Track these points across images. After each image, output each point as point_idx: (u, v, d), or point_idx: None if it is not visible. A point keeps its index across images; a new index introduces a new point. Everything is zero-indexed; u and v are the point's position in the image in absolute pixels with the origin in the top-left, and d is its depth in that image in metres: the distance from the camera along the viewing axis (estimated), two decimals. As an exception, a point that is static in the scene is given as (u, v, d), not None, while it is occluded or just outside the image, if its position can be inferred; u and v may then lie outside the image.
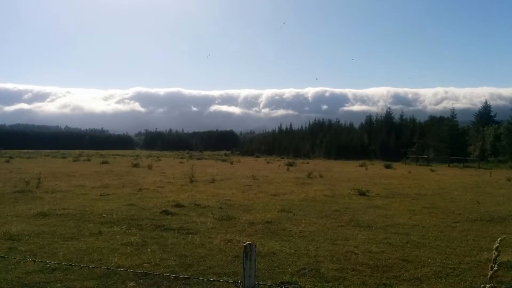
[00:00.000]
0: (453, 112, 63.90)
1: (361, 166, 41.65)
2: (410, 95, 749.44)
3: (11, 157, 49.76)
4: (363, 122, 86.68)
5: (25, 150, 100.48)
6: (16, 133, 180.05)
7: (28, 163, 38.05)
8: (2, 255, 6.31)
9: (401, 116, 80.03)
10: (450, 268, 6.37)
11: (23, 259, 6.23)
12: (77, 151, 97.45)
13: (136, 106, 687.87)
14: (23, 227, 8.69)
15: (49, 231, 8.38)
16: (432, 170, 35.62)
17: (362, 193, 15.38)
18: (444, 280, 5.85)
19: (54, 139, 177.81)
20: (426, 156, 55.31)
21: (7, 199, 13.01)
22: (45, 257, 6.54)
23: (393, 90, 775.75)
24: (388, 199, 14.63)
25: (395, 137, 70.43)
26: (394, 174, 29.52)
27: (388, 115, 79.34)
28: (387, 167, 39.39)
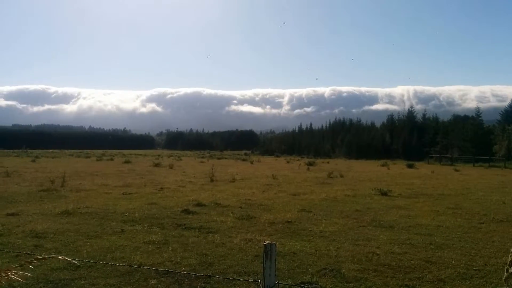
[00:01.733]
0: (478, 111, 62.49)
1: (383, 165, 41.13)
2: (433, 93, 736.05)
3: (37, 157, 51.02)
4: (385, 121, 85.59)
5: (50, 150, 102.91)
6: (42, 133, 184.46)
7: (53, 163, 38.94)
8: (29, 252, 6.47)
9: (424, 115, 78.72)
10: (475, 270, 6.23)
11: (48, 256, 6.37)
12: (100, 151, 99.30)
13: (158, 107, 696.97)
14: (48, 225, 8.90)
15: (73, 229, 8.56)
16: (456, 170, 34.90)
17: (384, 193, 15.19)
18: (469, 282, 5.72)
19: (78, 139, 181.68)
20: (450, 156, 54.19)
21: (33, 198, 13.35)
22: (70, 254, 6.68)
23: (417, 88, 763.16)
24: (410, 199, 14.40)
25: (417, 136, 69.23)
26: (417, 174, 29.04)
27: (411, 114, 78.09)
28: (410, 166, 38.80)
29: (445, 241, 8.08)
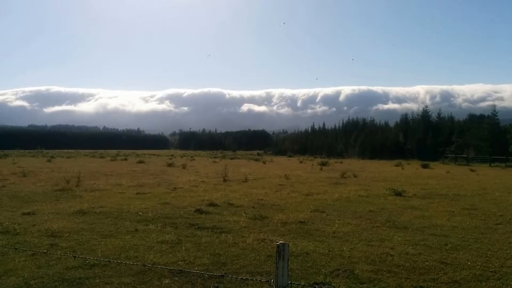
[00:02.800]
0: (494, 110, 61.48)
1: (397, 165, 40.76)
2: (451, 92, 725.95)
3: (52, 157, 51.79)
4: (398, 121, 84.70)
5: (66, 150, 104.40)
6: (57, 133, 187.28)
7: (68, 163, 39.46)
8: (44, 251, 6.56)
9: (439, 114, 77.67)
10: (491, 272, 6.13)
11: (63, 255, 6.46)
12: (114, 151, 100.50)
13: (171, 107, 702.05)
14: (63, 224, 9.02)
15: (88, 229, 8.66)
16: (472, 170, 34.39)
17: (398, 194, 15.03)
18: (485, 284, 5.63)
19: (93, 139, 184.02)
20: (465, 156, 53.41)
21: (49, 197, 13.55)
22: (85, 253, 6.76)
23: (435, 88, 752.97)
24: (425, 199, 14.23)
25: (432, 136, 68.33)
26: (432, 174, 28.70)
27: (425, 113, 77.09)
28: (424, 166, 38.36)
29: (460, 242, 7.96)
